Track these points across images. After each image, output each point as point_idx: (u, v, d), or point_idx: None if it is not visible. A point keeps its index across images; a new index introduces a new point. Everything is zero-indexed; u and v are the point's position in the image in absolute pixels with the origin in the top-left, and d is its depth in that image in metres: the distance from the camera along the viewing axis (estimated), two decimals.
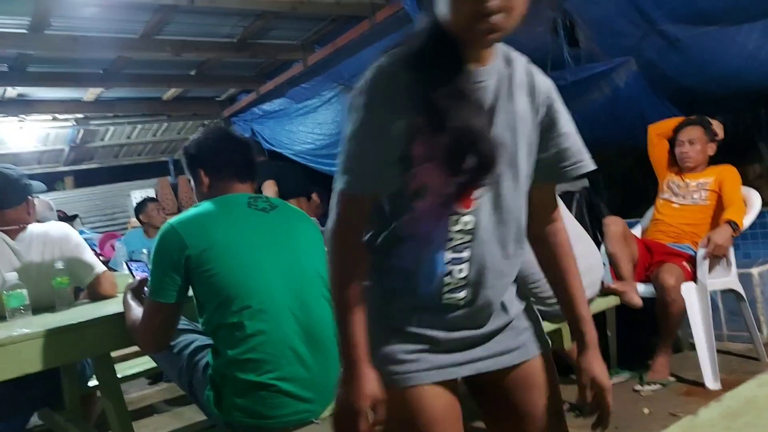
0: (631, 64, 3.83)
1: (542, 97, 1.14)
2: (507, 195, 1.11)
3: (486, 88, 1.08)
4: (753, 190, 3.13)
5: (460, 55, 1.03)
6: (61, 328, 1.83)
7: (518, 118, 1.10)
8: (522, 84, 1.12)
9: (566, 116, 1.18)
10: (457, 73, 1.02)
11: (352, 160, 1.03)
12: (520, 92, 1.11)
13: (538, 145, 1.15)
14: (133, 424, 2.10)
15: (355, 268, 1.09)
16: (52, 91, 6.04)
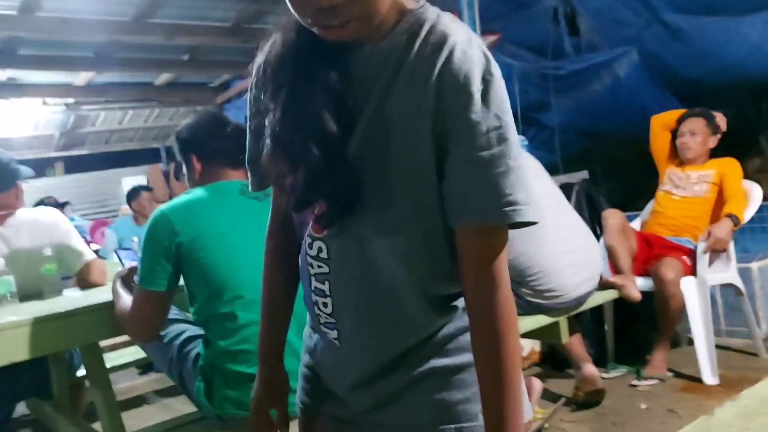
0: (632, 54, 3.80)
1: (449, 98, 0.78)
2: (369, 237, 0.83)
3: (359, 79, 0.82)
4: (754, 184, 3.09)
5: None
6: (49, 316, 1.78)
7: (394, 126, 0.80)
8: (419, 74, 0.79)
9: (479, 135, 0.77)
10: (313, 55, 0.81)
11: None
12: (408, 86, 0.80)
13: (437, 169, 0.81)
14: (122, 414, 2.06)
15: (268, 263, 1.04)
16: (42, 74, 5.96)
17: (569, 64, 4.04)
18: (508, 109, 0.81)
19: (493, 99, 0.79)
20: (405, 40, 0.80)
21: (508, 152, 0.78)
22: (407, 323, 0.88)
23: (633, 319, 3.13)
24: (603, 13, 3.82)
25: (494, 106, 0.78)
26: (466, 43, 0.79)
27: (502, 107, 0.79)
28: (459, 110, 0.77)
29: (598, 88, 4.10)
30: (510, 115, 0.81)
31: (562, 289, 2.42)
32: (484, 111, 0.77)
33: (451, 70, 0.77)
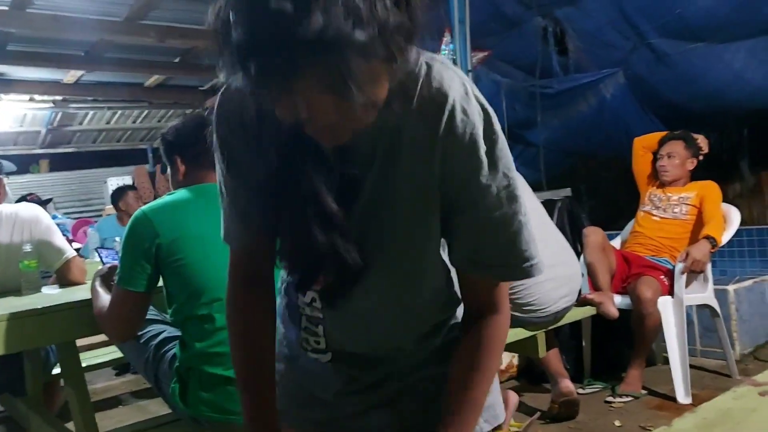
0: (618, 76, 3.86)
1: (456, 163, 0.78)
2: (371, 296, 0.87)
3: (354, 148, 0.77)
4: (733, 207, 3.14)
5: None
6: (26, 312, 1.76)
7: (402, 192, 0.80)
8: (421, 139, 0.77)
9: (491, 196, 0.79)
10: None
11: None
12: (412, 152, 0.78)
13: (444, 225, 0.84)
14: (97, 415, 2.05)
15: (241, 345, 0.96)
16: (31, 71, 5.93)
17: (557, 84, 4.10)
18: (512, 162, 0.83)
19: (500, 158, 0.80)
20: (400, 102, 0.74)
21: (518, 209, 0.83)
22: (403, 348, 0.95)
23: (610, 336, 3.16)
24: (592, 34, 3.88)
25: (501, 165, 0.80)
26: (464, 99, 0.77)
27: (508, 165, 0.81)
28: (468, 175, 0.79)
29: (584, 108, 4.15)
30: (513, 167, 0.83)
31: (541, 304, 2.45)
32: (493, 173, 0.79)
33: (456, 135, 0.76)
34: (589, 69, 3.99)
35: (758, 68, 3.32)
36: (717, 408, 0.77)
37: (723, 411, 0.76)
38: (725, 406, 0.77)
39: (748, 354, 3.31)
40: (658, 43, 3.61)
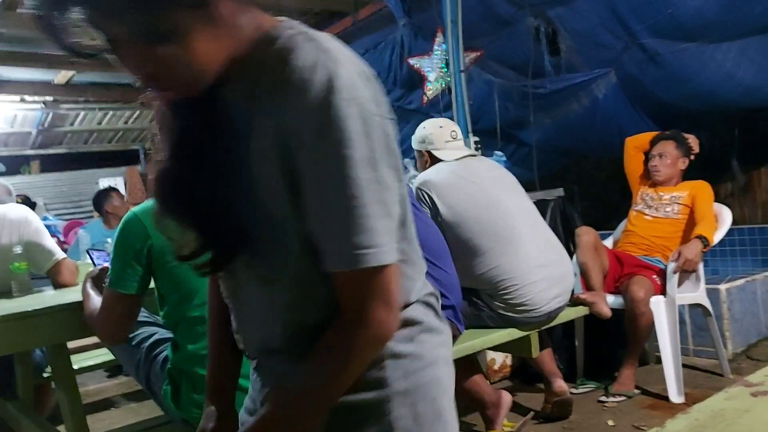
0: (611, 76, 3.87)
1: (293, 137, 0.75)
2: (252, 280, 0.87)
3: (223, 122, 0.82)
4: (724, 207, 3.16)
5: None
6: (16, 314, 1.75)
7: (253, 170, 0.79)
8: (265, 112, 0.77)
9: (325, 176, 0.74)
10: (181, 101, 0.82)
11: None
12: (259, 126, 0.78)
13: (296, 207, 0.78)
14: (89, 417, 2.04)
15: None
16: (22, 71, 5.89)
17: (549, 83, 4.10)
18: (358, 138, 0.73)
19: (335, 131, 0.73)
20: (255, 72, 0.78)
21: (355, 191, 0.73)
22: (274, 347, 0.89)
23: (603, 336, 3.17)
24: (584, 34, 3.89)
25: (335, 139, 0.73)
26: (309, 70, 0.73)
27: (342, 140, 0.73)
28: (305, 150, 0.74)
29: (576, 107, 4.16)
30: (362, 145, 0.74)
31: (534, 304, 2.45)
32: (325, 148, 0.73)
33: (294, 107, 0.74)
34: (581, 69, 4.00)
35: (749, 68, 3.33)
36: (709, 409, 0.76)
37: (715, 412, 0.76)
38: (718, 407, 0.77)
39: (740, 353, 3.33)
40: (649, 43, 3.62)
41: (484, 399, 2.43)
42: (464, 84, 3.82)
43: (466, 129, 3.71)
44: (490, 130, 4.27)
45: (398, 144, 0.82)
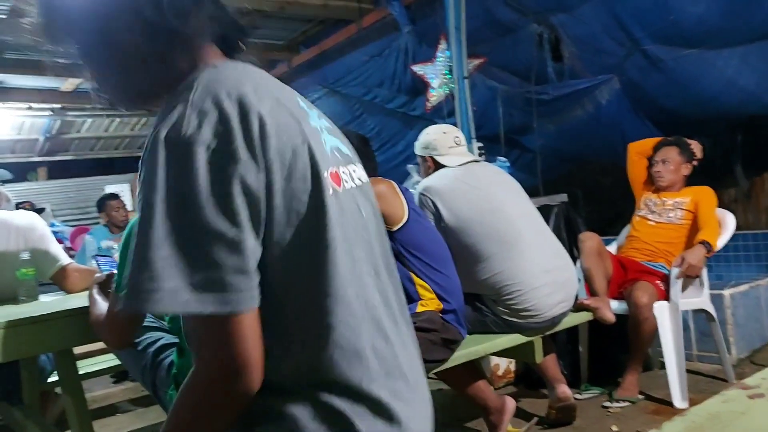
0: (613, 82, 3.88)
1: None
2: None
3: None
4: (728, 212, 3.16)
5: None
6: (22, 320, 1.76)
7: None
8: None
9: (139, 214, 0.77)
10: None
11: None
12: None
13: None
14: (95, 423, 2.04)
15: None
16: (29, 79, 5.93)
17: (552, 90, 4.12)
18: (166, 179, 0.75)
19: (144, 172, 0.77)
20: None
21: (147, 231, 0.74)
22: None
23: (607, 342, 3.17)
24: (586, 41, 3.91)
25: (143, 180, 0.77)
26: (164, 123, 0.78)
27: (148, 181, 0.76)
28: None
29: (579, 113, 4.17)
30: (168, 186, 0.74)
31: (538, 309, 2.45)
32: (140, 191, 0.77)
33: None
34: (584, 75, 4.01)
35: (751, 74, 3.34)
36: (706, 411, 0.77)
37: (712, 414, 0.76)
38: (714, 410, 0.78)
39: (744, 358, 3.32)
40: (652, 49, 3.63)
41: (487, 404, 2.44)
42: (468, 90, 3.84)
43: (470, 135, 3.73)
44: (493, 136, 4.28)
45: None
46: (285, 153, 0.81)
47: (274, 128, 0.80)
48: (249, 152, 0.77)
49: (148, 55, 0.88)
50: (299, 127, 0.85)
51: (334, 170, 0.90)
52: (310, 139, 0.86)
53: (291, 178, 0.81)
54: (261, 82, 0.86)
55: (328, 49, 5.29)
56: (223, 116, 0.77)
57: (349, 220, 0.90)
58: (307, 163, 0.84)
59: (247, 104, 0.79)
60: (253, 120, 0.78)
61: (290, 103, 0.88)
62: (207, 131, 0.76)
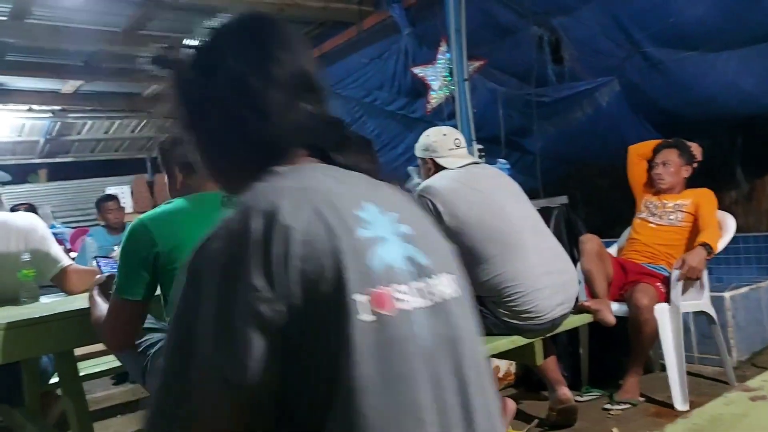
0: (613, 84, 3.88)
1: None
2: None
3: None
4: (728, 215, 3.16)
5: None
6: (23, 321, 1.77)
7: None
8: None
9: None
10: None
11: None
12: None
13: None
14: (95, 424, 2.05)
15: None
16: (30, 81, 5.95)
17: (552, 92, 4.12)
18: (186, 308, 0.73)
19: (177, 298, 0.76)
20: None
21: (165, 348, 0.77)
22: None
23: (607, 344, 3.16)
24: (586, 43, 3.91)
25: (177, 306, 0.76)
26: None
27: (181, 311, 0.74)
28: None
29: (580, 116, 4.17)
30: (177, 310, 0.74)
31: (538, 311, 2.45)
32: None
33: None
34: (584, 77, 4.01)
35: (751, 76, 3.34)
36: (708, 413, 0.78)
37: (714, 416, 0.77)
38: (716, 412, 0.78)
39: (745, 361, 3.32)
40: (652, 51, 3.63)
41: None
42: (468, 92, 3.84)
43: (470, 137, 3.73)
44: (493, 138, 4.28)
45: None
46: (309, 275, 0.70)
47: (300, 248, 0.70)
48: (266, 279, 0.69)
49: (236, 149, 0.90)
50: (333, 243, 0.73)
51: (380, 290, 0.74)
52: (344, 256, 0.72)
53: (313, 305, 0.70)
54: (310, 188, 0.78)
55: (328, 52, 5.29)
56: (246, 237, 0.71)
57: (403, 352, 0.73)
58: (333, 284, 0.71)
59: (277, 221, 0.71)
60: (278, 239, 0.70)
61: (337, 213, 0.76)
62: (225, 254, 0.71)
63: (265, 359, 0.68)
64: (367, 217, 0.79)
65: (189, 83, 0.91)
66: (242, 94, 0.85)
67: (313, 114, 0.88)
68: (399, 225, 0.82)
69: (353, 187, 0.83)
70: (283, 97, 0.85)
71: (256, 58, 0.86)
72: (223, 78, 0.86)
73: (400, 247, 0.80)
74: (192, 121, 0.93)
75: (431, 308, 0.78)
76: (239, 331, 0.68)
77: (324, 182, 0.81)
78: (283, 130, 0.85)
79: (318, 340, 0.70)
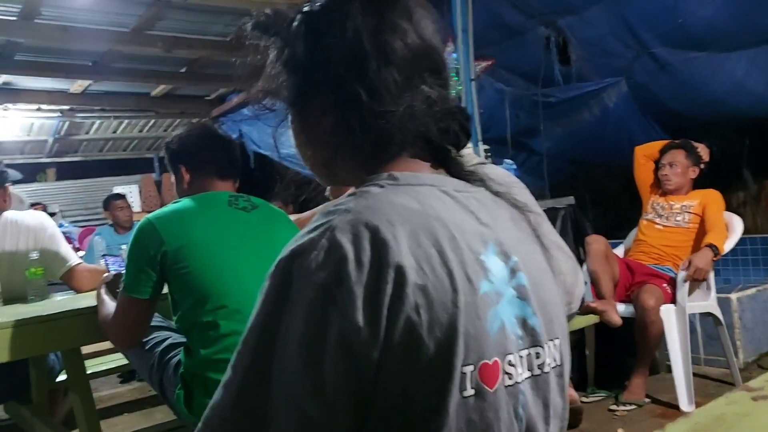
0: (621, 85, 3.87)
1: None
2: None
3: None
4: (735, 216, 3.15)
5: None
6: (31, 319, 1.79)
7: None
8: None
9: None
10: None
11: None
12: None
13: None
14: (103, 422, 2.06)
15: None
16: (39, 80, 5.97)
17: (560, 92, 4.11)
18: (268, 320, 0.63)
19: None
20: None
21: (231, 364, 0.65)
22: None
23: (613, 345, 3.16)
24: (594, 43, 3.90)
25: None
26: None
27: (258, 303, 0.66)
28: None
29: (587, 116, 4.16)
30: (257, 322, 0.64)
31: None
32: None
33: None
34: (591, 78, 4.01)
35: (759, 77, 3.33)
36: (710, 413, 0.78)
37: (716, 416, 0.77)
38: (718, 411, 0.78)
39: (751, 362, 3.31)
40: (660, 52, 3.62)
41: None
42: (475, 93, 3.84)
43: (477, 137, 3.73)
44: (500, 139, 4.28)
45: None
46: (417, 329, 0.59)
47: (414, 294, 0.59)
48: (368, 318, 0.58)
49: (345, 134, 0.73)
50: (453, 297, 0.61)
51: (491, 362, 0.63)
52: (462, 316, 0.61)
53: (414, 364, 0.59)
54: (433, 216, 0.65)
55: None
56: (354, 260, 0.59)
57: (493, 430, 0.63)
58: (442, 348, 0.60)
59: (393, 253, 0.60)
60: (391, 277, 0.59)
61: (461, 256, 0.64)
62: (326, 271, 0.59)
63: (346, 402, 0.59)
64: (490, 265, 0.67)
65: (295, 51, 0.76)
66: (356, 68, 0.71)
67: (435, 101, 0.73)
68: (518, 274, 0.69)
69: (477, 214, 0.70)
70: (401, 77, 0.71)
71: (372, 26, 0.71)
72: (337, 48, 0.72)
73: (515, 307, 0.68)
74: (297, 97, 0.77)
75: (532, 381, 0.68)
76: (327, 367, 0.58)
77: (448, 207, 0.68)
78: (399, 117, 0.70)
79: (406, 403, 0.60)
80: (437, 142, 0.74)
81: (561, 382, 0.73)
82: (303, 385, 0.58)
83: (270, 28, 0.81)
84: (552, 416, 0.70)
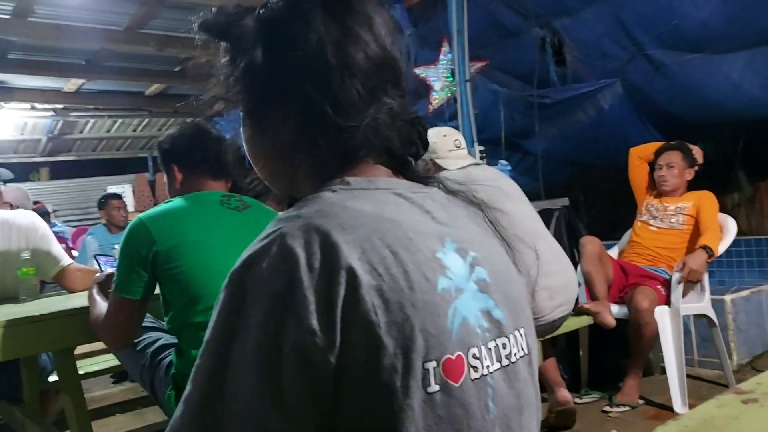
0: (616, 86, 3.88)
1: None
2: None
3: None
4: (729, 217, 3.15)
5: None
6: (23, 319, 1.77)
7: None
8: None
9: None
10: None
11: None
12: None
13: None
14: (94, 423, 2.04)
15: None
16: (32, 79, 5.96)
17: (555, 93, 4.12)
18: (223, 331, 0.62)
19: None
20: None
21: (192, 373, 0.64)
22: None
23: (607, 346, 3.16)
24: (589, 45, 3.91)
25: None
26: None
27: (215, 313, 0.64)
28: None
29: (582, 118, 4.17)
30: (214, 332, 0.62)
31: (538, 313, 2.45)
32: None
33: None
34: (587, 79, 4.01)
35: (755, 79, 3.33)
36: (700, 415, 0.77)
37: (706, 419, 0.77)
38: (708, 414, 0.78)
39: (745, 364, 3.31)
40: (655, 53, 3.63)
41: None
42: (470, 93, 3.84)
43: (472, 138, 3.73)
44: (495, 140, 4.28)
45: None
46: (375, 330, 0.59)
47: (370, 296, 0.59)
48: (323, 323, 0.57)
49: (302, 147, 0.72)
50: (410, 297, 0.61)
51: (454, 357, 0.63)
52: (420, 314, 0.61)
53: (375, 365, 0.59)
54: (388, 218, 0.65)
55: None
56: (307, 265, 0.58)
57: (461, 427, 0.63)
58: (402, 347, 0.59)
59: (345, 257, 0.59)
60: (345, 280, 0.58)
61: (416, 256, 0.64)
62: (279, 278, 0.58)
63: (308, 412, 0.58)
64: (448, 262, 0.66)
65: (254, 59, 0.73)
66: (320, 81, 0.69)
67: (397, 112, 0.72)
68: (477, 269, 0.70)
69: (433, 214, 0.71)
70: (364, 90, 0.70)
71: (335, 37, 0.70)
72: (300, 60, 0.70)
73: (477, 300, 0.68)
74: (255, 107, 0.76)
75: (502, 372, 0.68)
76: (285, 378, 0.57)
77: (402, 209, 0.68)
78: (363, 130, 0.70)
79: (371, 406, 0.59)
80: (400, 154, 0.74)
81: (530, 370, 0.73)
82: (262, 399, 0.57)
83: (221, 31, 0.78)
84: (525, 406, 0.70)
